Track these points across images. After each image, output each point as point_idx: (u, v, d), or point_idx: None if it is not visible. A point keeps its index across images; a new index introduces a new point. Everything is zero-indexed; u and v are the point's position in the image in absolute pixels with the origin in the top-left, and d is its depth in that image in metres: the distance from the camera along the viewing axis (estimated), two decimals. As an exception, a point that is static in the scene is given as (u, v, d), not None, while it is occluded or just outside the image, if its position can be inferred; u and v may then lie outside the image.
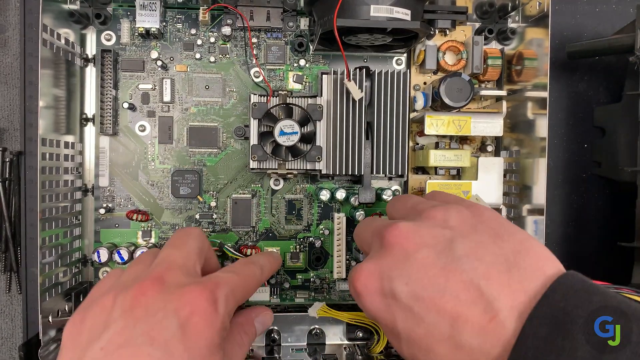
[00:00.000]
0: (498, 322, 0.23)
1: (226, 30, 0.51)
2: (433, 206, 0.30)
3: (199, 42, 0.53)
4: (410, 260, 0.26)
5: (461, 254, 0.25)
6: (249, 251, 0.53)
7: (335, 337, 0.52)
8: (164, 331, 0.26)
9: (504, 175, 0.52)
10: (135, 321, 0.26)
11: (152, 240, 0.53)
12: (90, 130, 0.53)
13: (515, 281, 0.24)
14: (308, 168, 0.50)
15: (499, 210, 0.52)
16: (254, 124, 0.49)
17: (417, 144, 0.54)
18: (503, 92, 0.53)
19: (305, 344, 0.52)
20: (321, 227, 0.55)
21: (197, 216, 0.54)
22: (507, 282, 0.24)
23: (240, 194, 0.54)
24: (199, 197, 0.53)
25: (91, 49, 0.52)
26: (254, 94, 0.50)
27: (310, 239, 0.55)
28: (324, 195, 0.51)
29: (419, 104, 0.52)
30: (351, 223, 0.55)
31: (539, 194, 0.48)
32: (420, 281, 0.25)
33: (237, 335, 0.33)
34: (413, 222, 0.28)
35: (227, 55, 0.53)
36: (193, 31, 0.53)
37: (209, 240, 0.39)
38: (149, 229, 0.53)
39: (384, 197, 0.51)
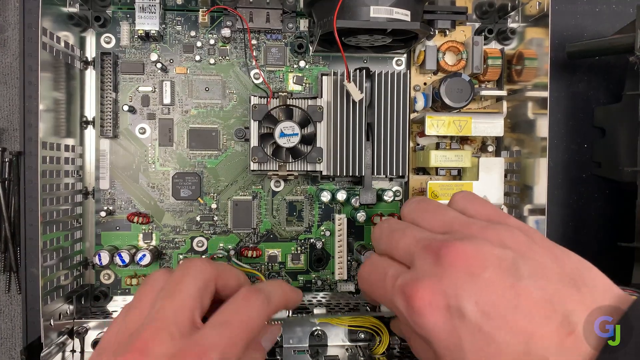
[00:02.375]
0: (577, 337, 0.23)
1: (226, 32, 0.51)
2: (482, 227, 0.29)
3: (199, 44, 0.53)
4: (476, 280, 0.26)
5: (527, 274, 0.26)
6: (249, 253, 0.53)
7: (337, 338, 0.52)
8: None
9: (505, 176, 0.52)
10: None
11: (153, 242, 0.53)
12: (90, 133, 0.53)
13: (588, 298, 0.25)
14: (309, 169, 0.50)
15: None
16: (254, 126, 0.49)
17: (418, 144, 0.54)
18: (503, 92, 0.53)
19: (307, 345, 0.52)
20: (322, 228, 0.55)
21: (198, 218, 0.54)
22: (579, 298, 0.25)
23: (241, 195, 0.54)
24: (199, 199, 0.53)
25: (91, 52, 0.52)
26: (254, 96, 0.50)
27: (312, 240, 0.55)
28: (325, 197, 0.51)
29: (420, 104, 0.52)
30: (352, 224, 0.55)
31: (540, 194, 0.48)
32: (489, 300, 0.25)
33: None
34: (471, 242, 0.28)
35: (226, 57, 0.53)
36: (193, 33, 0.53)
37: (217, 261, 0.37)
38: (149, 231, 0.53)
39: (385, 197, 0.51)
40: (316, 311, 0.48)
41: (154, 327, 0.28)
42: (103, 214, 0.52)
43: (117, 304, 0.53)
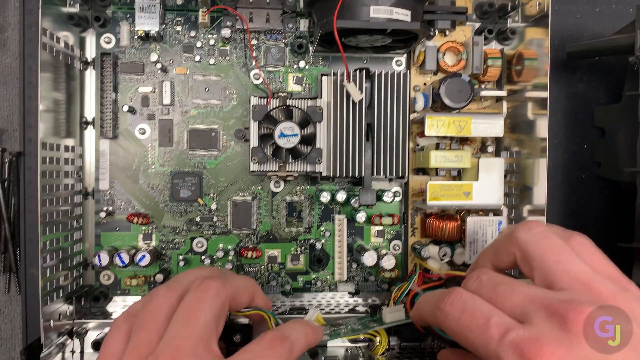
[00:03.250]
0: None
1: (226, 32, 0.51)
2: (613, 292, 0.27)
3: (199, 44, 0.53)
4: (607, 358, 0.24)
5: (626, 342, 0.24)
6: (249, 253, 0.53)
7: (337, 339, 0.52)
8: None
9: (505, 176, 0.52)
10: None
11: (153, 243, 0.53)
12: (90, 133, 0.53)
13: None
14: (308, 170, 0.50)
15: (499, 211, 0.52)
16: (254, 126, 0.49)
17: (418, 145, 0.54)
18: (503, 93, 0.53)
19: (306, 346, 0.52)
20: (322, 229, 0.55)
21: (198, 219, 0.54)
22: None
23: (240, 196, 0.54)
24: (199, 199, 0.53)
25: (91, 52, 0.52)
26: (254, 96, 0.50)
27: (311, 240, 0.55)
28: (325, 197, 0.51)
29: (419, 105, 0.52)
30: (352, 225, 0.55)
31: (540, 195, 0.48)
32: None
33: None
34: (604, 310, 0.25)
35: (226, 58, 0.53)
36: (192, 33, 0.53)
37: (223, 270, 0.35)
38: (149, 232, 0.53)
39: (385, 198, 0.51)
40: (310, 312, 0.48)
41: (170, 356, 0.27)
42: (103, 214, 0.52)
43: (116, 305, 0.53)
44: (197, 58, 0.53)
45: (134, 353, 0.28)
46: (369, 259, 0.51)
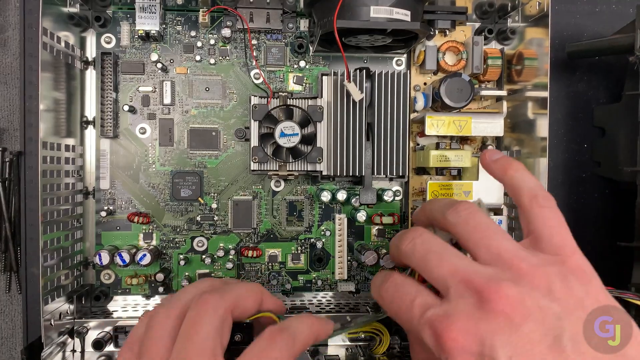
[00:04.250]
0: None
1: (226, 32, 0.51)
2: (532, 265, 0.27)
3: (199, 44, 0.53)
4: (515, 332, 0.25)
5: (568, 336, 0.24)
6: (249, 253, 0.53)
7: (337, 338, 0.52)
8: None
9: (505, 176, 0.52)
10: None
11: (154, 242, 0.53)
12: (90, 133, 0.53)
13: None
14: (309, 169, 0.50)
15: (499, 210, 0.52)
16: (254, 126, 0.49)
17: (418, 144, 0.54)
18: (503, 92, 0.53)
19: (307, 345, 0.52)
20: (322, 228, 0.55)
21: (199, 218, 0.54)
22: None
23: (241, 195, 0.54)
24: (200, 199, 0.53)
25: (91, 52, 0.52)
26: (254, 96, 0.50)
27: (312, 240, 0.55)
28: (325, 197, 0.51)
29: (419, 104, 0.52)
30: (352, 224, 0.55)
31: (540, 194, 0.48)
32: (524, 357, 0.24)
33: None
34: (516, 286, 0.26)
35: (227, 57, 0.53)
36: (193, 33, 0.53)
37: (226, 279, 0.34)
38: (150, 231, 0.53)
39: (385, 197, 0.51)
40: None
41: None
42: (103, 213, 0.52)
43: (117, 304, 0.53)
44: (198, 58, 0.53)
45: None
46: (369, 258, 0.51)
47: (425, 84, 0.54)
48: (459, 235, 0.31)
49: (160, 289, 0.53)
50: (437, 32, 0.52)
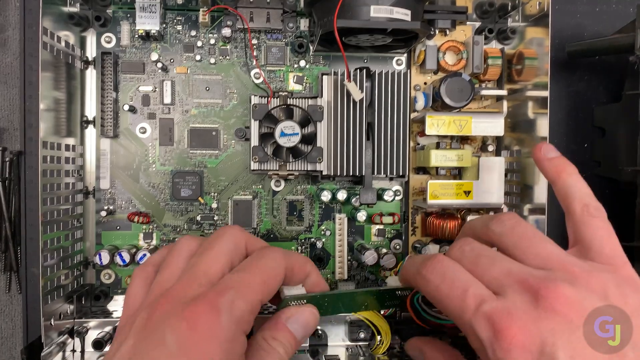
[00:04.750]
0: None
1: (226, 31, 0.51)
2: (586, 271, 0.27)
3: (199, 43, 0.53)
4: (574, 332, 0.25)
5: (627, 341, 0.25)
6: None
7: (337, 338, 0.52)
8: (164, 349, 0.26)
9: (505, 175, 0.52)
10: (141, 340, 0.27)
11: (154, 242, 0.53)
12: (91, 132, 0.53)
13: None
14: (309, 169, 0.50)
15: (500, 210, 0.52)
16: (254, 126, 0.49)
17: (418, 144, 0.54)
18: (503, 92, 0.53)
19: (307, 345, 0.52)
20: (322, 227, 0.55)
21: (199, 218, 0.54)
22: None
23: (241, 195, 0.54)
24: (200, 198, 0.53)
25: (91, 52, 0.52)
26: (255, 96, 0.50)
27: (312, 239, 0.55)
28: (325, 196, 0.51)
29: (420, 104, 0.52)
30: (352, 224, 0.55)
31: (540, 194, 0.48)
32: (584, 358, 0.24)
33: (264, 344, 0.30)
34: (573, 287, 0.26)
35: (227, 57, 0.53)
36: (193, 33, 0.53)
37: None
38: (150, 231, 0.53)
39: (385, 197, 0.51)
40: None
41: (186, 279, 0.29)
42: (103, 213, 0.52)
43: (117, 304, 0.53)
44: (198, 57, 0.53)
45: (157, 287, 0.30)
46: (369, 258, 0.51)
47: (425, 83, 0.54)
48: (505, 245, 0.31)
49: (161, 289, 0.53)
50: (437, 32, 0.52)
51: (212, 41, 0.53)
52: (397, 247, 0.55)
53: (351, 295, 0.43)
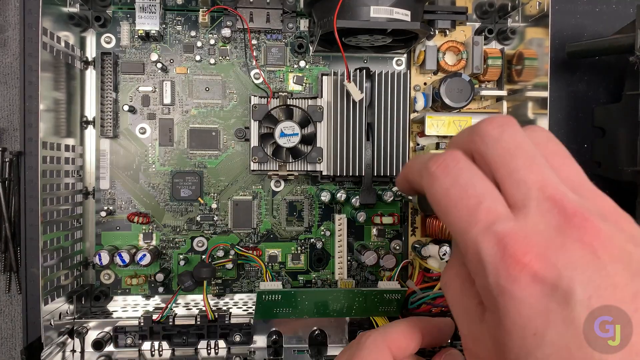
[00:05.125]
0: None
1: (226, 32, 0.51)
2: (613, 206, 0.24)
3: (199, 44, 0.53)
4: (599, 270, 0.21)
5: None
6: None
7: (337, 338, 0.52)
8: None
9: (505, 176, 0.52)
10: None
11: (154, 242, 0.53)
12: (90, 133, 0.53)
13: None
14: (309, 169, 0.50)
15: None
16: (254, 126, 0.49)
17: (418, 144, 0.54)
18: (503, 92, 0.53)
19: (307, 345, 0.52)
20: (322, 228, 0.55)
21: (199, 218, 0.54)
22: None
23: (241, 195, 0.54)
24: (199, 199, 0.53)
25: (91, 52, 0.52)
26: (254, 96, 0.50)
27: (312, 240, 0.55)
28: (325, 197, 0.51)
29: (420, 104, 0.52)
30: (352, 224, 0.55)
31: (540, 194, 0.48)
32: (605, 300, 0.21)
33: None
34: (605, 223, 0.22)
35: (227, 57, 0.53)
36: (193, 33, 0.53)
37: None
38: (150, 231, 0.53)
39: (385, 197, 0.51)
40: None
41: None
42: (103, 213, 0.52)
43: (117, 304, 0.53)
44: (198, 58, 0.53)
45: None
46: (369, 258, 0.51)
47: (425, 84, 0.54)
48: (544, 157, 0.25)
49: (160, 289, 0.53)
50: (437, 32, 0.52)
51: (212, 41, 0.53)
52: (397, 247, 0.55)
53: (330, 293, 0.43)
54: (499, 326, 0.22)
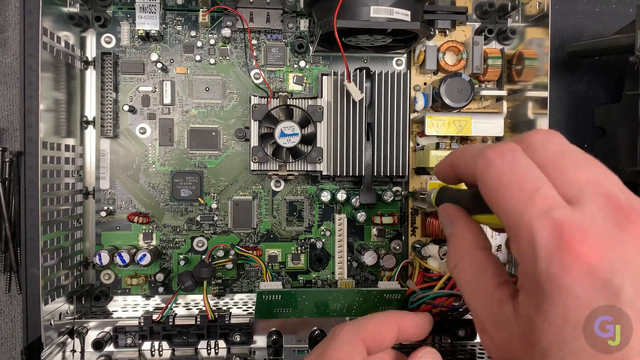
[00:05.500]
0: None
1: (226, 32, 0.51)
2: None
3: (199, 44, 0.53)
4: None
5: None
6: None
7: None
8: None
9: (505, 176, 0.52)
10: None
11: (154, 242, 0.53)
12: (90, 133, 0.53)
13: None
14: (309, 169, 0.50)
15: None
16: (254, 126, 0.49)
17: (418, 144, 0.54)
18: (503, 92, 0.53)
19: (307, 345, 0.52)
20: (322, 228, 0.55)
21: (199, 218, 0.54)
22: None
23: (241, 195, 0.54)
24: (199, 199, 0.53)
25: (91, 52, 0.52)
26: (255, 96, 0.50)
27: (312, 240, 0.55)
28: (325, 197, 0.51)
29: (420, 104, 0.52)
30: (352, 224, 0.55)
31: (540, 194, 0.48)
32: None
33: None
34: None
35: (227, 57, 0.53)
36: (193, 33, 0.53)
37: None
38: (150, 231, 0.53)
39: (385, 197, 0.51)
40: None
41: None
42: (103, 213, 0.52)
43: (117, 304, 0.53)
44: (198, 58, 0.53)
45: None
46: (369, 258, 0.51)
47: (425, 84, 0.54)
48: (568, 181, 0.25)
49: (160, 289, 0.53)
50: (437, 32, 0.52)
51: (212, 41, 0.53)
52: (397, 247, 0.55)
53: (329, 293, 0.43)
54: (538, 311, 0.22)
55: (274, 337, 0.51)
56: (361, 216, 0.53)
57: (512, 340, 0.23)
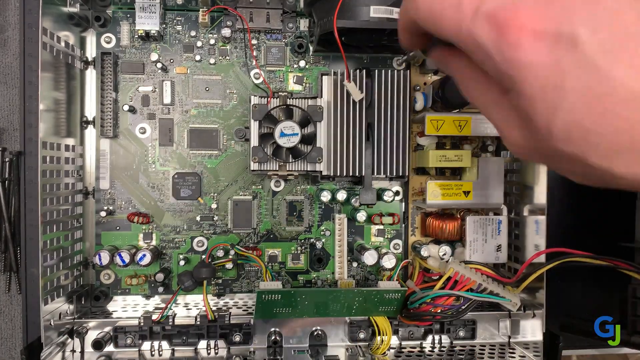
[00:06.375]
0: None
1: (226, 32, 0.51)
2: None
3: (199, 44, 0.53)
4: (597, 4, 0.21)
5: None
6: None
7: (337, 338, 0.52)
8: None
9: (505, 175, 0.52)
10: None
11: (154, 242, 0.53)
12: (90, 133, 0.53)
13: None
14: (309, 169, 0.50)
15: (500, 210, 0.52)
16: (254, 126, 0.49)
17: (418, 144, 0.54)
18: (503, 92, 0.53)
19: (307, 345, 0.52)
20: (322, 228, 0.55)
21: (198, 218, 0.54)
22: None
23: (241, 195, 0.54)
24: (199, 199, 0.53)
25: (91, 52, 0.52)
26: (254, 96, 0.50)
27: (312, 240, 0.55)
28: (325, 197, 0.51)
29: (420, 104, 0.52)
30: (352, 224, 0.55)
31: (540, 194, 0.48)
32: (610, 29, 0.21)
33: None
34: None
35: (227, 57, 0.53)
36: (193, 33, 0.53)
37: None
38: (150, 231, 0.53)
39: (385, 197, 0.51)
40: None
41: None
42: (103, 213, 0.52)
43: (117, 304, 0.53)
44: (198, 57, 0.53)
45: None
46: (369, 258, 0.51)
47: (425, 83, 0.54)
48: None
49: (160, 289, 0.53)
50: (437, 32, 0.52)
51: (212, 41, 0.53)
52: (397, 247, 0.55)
53: (329, 293, 0.43)
54: (521, 98, 0.22)
55: (274, 337, 0.51)
56: (361, 216, 0.53)
57: (524, 135, 0.24)
